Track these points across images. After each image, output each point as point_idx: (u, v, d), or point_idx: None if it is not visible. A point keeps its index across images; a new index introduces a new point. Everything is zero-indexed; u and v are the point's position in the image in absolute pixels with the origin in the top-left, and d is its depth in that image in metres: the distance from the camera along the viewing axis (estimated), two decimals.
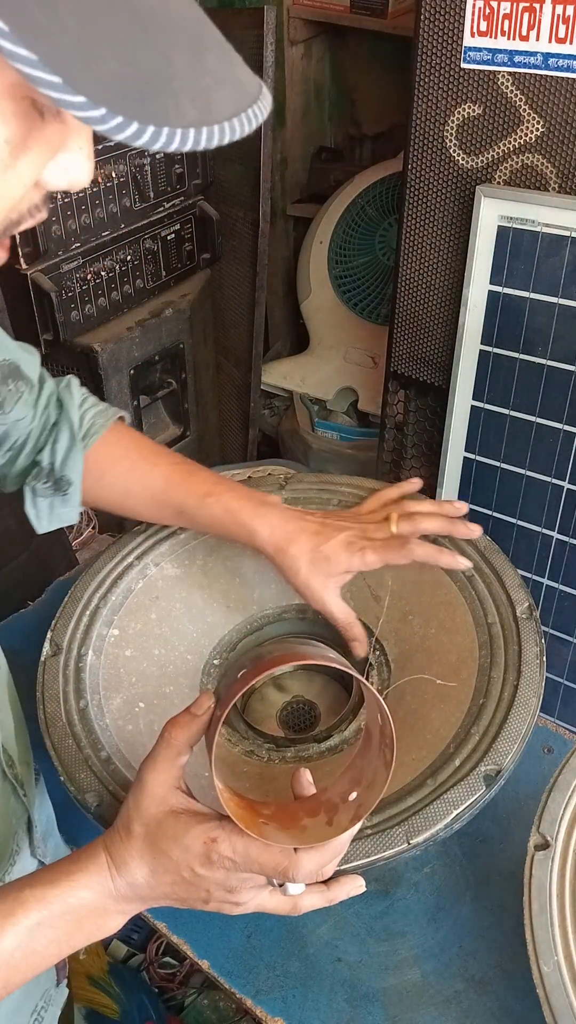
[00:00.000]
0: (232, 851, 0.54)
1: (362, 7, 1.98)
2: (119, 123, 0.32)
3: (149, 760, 0.59)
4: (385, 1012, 0.71)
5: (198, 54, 0.35)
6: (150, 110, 0.33)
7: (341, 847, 0.57)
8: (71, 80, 0.30)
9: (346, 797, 0.59)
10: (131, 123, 0.32)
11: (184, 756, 0.59)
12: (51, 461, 0.80)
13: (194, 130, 0.34)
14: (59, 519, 0.83)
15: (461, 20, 1.14)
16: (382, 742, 0.57)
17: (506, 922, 0.76)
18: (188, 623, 0.88)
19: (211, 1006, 1.36)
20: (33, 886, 0.54)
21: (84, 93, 0.31)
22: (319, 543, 0.79)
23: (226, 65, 0.37)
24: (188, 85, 0.34)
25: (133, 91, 0.32)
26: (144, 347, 1.72)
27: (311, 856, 0.54)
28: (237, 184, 1.78)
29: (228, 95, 0.36)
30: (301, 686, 0.90)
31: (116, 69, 0.32)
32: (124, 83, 0.32)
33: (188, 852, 0.54)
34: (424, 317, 1.37)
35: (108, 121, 0.32)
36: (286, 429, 2.25)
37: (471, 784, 0.66)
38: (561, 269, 1.15)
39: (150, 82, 0.33)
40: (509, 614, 0.79)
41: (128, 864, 0.55)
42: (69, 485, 0.81)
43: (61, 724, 0.74)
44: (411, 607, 0.85)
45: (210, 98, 0.35)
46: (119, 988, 1.26)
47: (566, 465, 1.24)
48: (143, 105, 0.32)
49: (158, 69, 0.33)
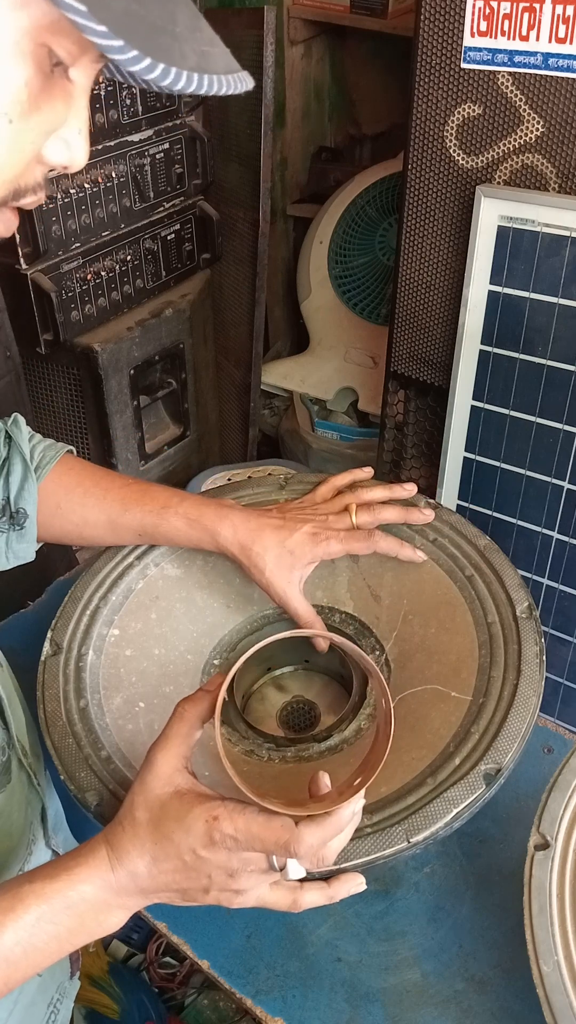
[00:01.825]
0: (234, 829, 0.54)
1: (362, 7, 1.98)
2: (134, 55, 0.34)
3: (160, 738, 0.60)
4: (385, 1012, 0.71)
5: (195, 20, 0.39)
6: (159, 48, 0.35)
7: (343, 821, 0.57)
8: (94, 9, 0.33)
9: (352, 784, 0.59)
10: (144, 57, 0.35)
11: (196, 732, 0.60)
12: (5, 495, 0.80)
13: (196, 74, 0.37)
14: (16, 556, 0.82)
15: (461, 20, 1.14)
16: (384, 721, 0.58)
17: (506, 922, 0.76)
18: (188, 623, 0.88)
19: (211, 1006, 1.36)
20: (32, 881, 0.54)
21: (106, 23, 0.33)
22: (283, 538, 0.81)
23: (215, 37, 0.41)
24: (188, 35, 0.38)
25: (144, 29, 0.35)
26: (144, 347, 1.72)
27: (312, 829, 0.55)
28: (237, 184, 1.78)
29: (221, 56, 0.40)
30: (301, 686, 0.90)
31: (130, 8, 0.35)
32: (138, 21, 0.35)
33: (190, 833, 0.55)
34: (424, 317, 1.37)
35: (125, 52, 0.34)
36: (286, 429, 2.25)
37: (471, 783, 0.66)
38: (561, 269, 1.15)
39: (157, 26, 0.36)
40: (509, 613, 0.79)
41: (129, 854, 0.55)
42: (25, 518, 0.80)
43: (61, 723, 0.74)
44: (411, 607, 0.85)
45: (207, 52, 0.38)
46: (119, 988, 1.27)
47: (566, 465, 1.24)
48: (153, 42, 0.35)
49: (164, 16, 0.37)
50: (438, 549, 0.87)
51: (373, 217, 2.02)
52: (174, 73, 0.36)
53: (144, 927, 1.40)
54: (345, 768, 0.74)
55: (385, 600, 0.87)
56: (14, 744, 0.69)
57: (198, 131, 1.71)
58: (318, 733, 0.81)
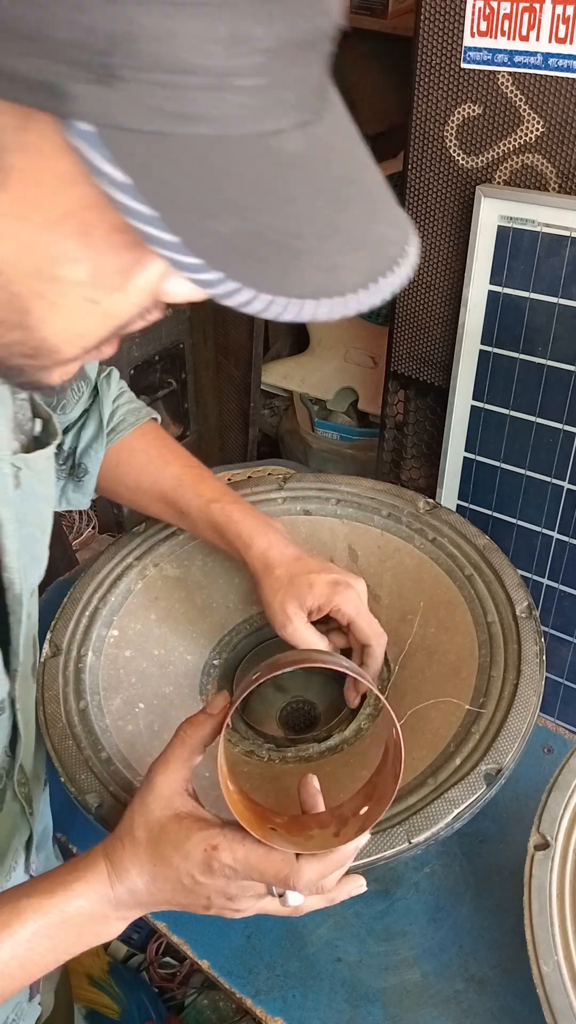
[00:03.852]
0: (232, 859, 0.54)
1: (362, 7, 1.98)
2: (232, 289, 0.29)
3: (161, 759, 0.59)
4: (385, 1012, 0.71)
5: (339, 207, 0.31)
6: (268, 275, 0.29)
7: (344, 859, 0.56)
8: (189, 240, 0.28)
9: (357, 811, 0.58)
10: (243, 289, 0.29)
11: (197, 756, 0.59)
12: (73, 446, 0.81)
13: (312, 301, 0.30)
14: (68, 503, 0.83)
15: (461, 20, 1.14)
16: (395, 755, 0.57)
17: (506, 922, 0.76)
18: (187, 623, 0.88)
19: (211, 1006, 1.36)
20: (30, 896, 0.54)
21: (201, 255, 0.28)
22: (309, 569, 0.77)
23: (369, 220, 0.32)
24: (318, 246, 0.30)
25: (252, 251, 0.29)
26: (144, 347, 1.72)
27: (312, 865, 0.54)
28: None
29: (362, 260, 0.31)
30: (300, 686, 0.90)
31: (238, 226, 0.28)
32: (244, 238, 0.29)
33: (188, 859, 0.54)
34: (424, 317, 1.37)
35: (219, 286, 0.29)
36: (286, 429, 2.25)
37: (472, 783, 0.66)
38: (561, 269, 1.15)
39: (273, 242, 0.29)
40: (508, 613, 0.79)
41: (129, 872, 0.55)
42: (85, 473, 0.81)
43: (61, 725, 0.74)
44: (410, 607, 0.85)
45: (339, 263, 0.30)
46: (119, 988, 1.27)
47: (566, 465, 1.24)
48: (261, 269, 0.29)
49: (287, 228, 0.29)
50: (437, 549, 0.87)
51: None
52: (280, 304, 0.29)
53: (144, 927, 1.40)
54: (345, 768, 0.74)
55: (384, 600, 0.87)
56: (13, 775, 0.68)
57: None
58: (318, 733, 0.81)
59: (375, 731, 0.79)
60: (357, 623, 0.77)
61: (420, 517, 0.90)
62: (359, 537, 0.92)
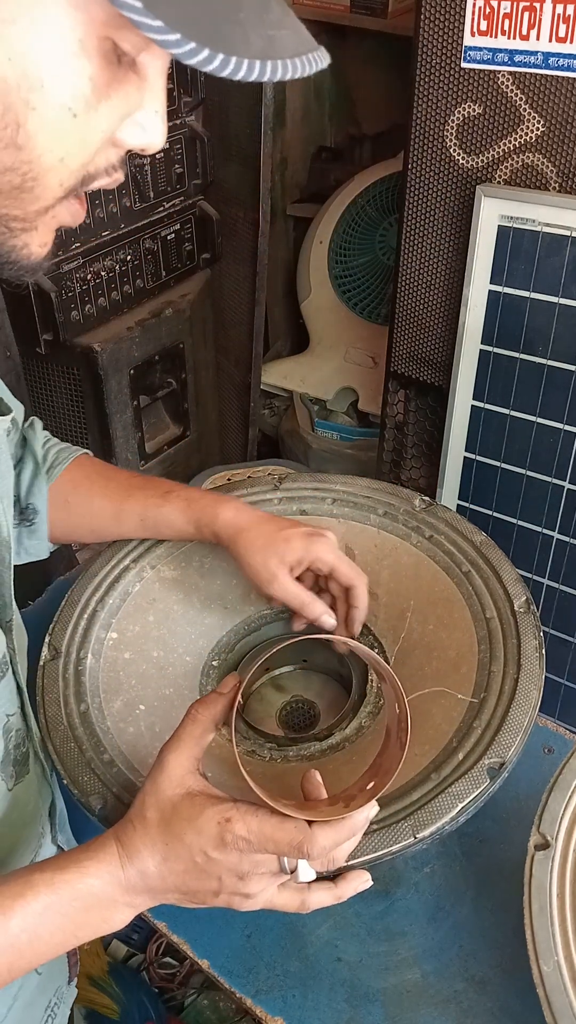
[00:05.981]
0: (247, 831, 0.54)
1: (362, 7, 1.98)
2: (191, 48, 0.34)
3: (172, 739, 0.60)
4: (385, 1012, 0.71)
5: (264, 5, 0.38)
6: (220, 38, 0.35)
7: (356, 827, 0.57)
8: (150, 5, 0.33)
9: (364, 788, 0.59)
10: (203, 49, 0.34)
11: (208, 735, 0.60)
12: (17, 492, 0.81)
13: (259, 62, 0.36)
14: (27, 552, 0.83)
15: (461, 20, 1.14)
16: (398, 727, 0.58)
17: (506, 922, 0.76)
18: (186, 625, 0.88)
19: (211, 1006, 1.36)
20: (43, 871, 0.54)
21: (161, 18, 0.33)
22: (281, 526, 0.80)
23: (287, 16, 0.39)
24: (254, 20, 0.36)
25: (205, 19, 0.35)
26: (144, 347, 1.72)
27: (326, 832, 0.55)
28: (237, 184, 1.78)
29: (290, 37, 0.38)
30: (300, 686, 0.90)
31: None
32: (197, 11, 0.35)
33: (202, 834, 0.54)
34: (424, 317, 1.37)
35: (182, 46, 0.34)
36: (286, 429, 2.25)
37: (475, 777, 0.66)
38: (561, 269, 1.15)
39: (220, 13, 0.35)
40: (507, 608, 0.79)
41: (140, 852, 0.55)
42: (35, 514, 0.82)
43: (63, 728, 0.74)
44: (409, 604, 0.85)
45: (274, 36, 0.37)
46: (119, 988, 1.27)
47: (566, 465, 1.24)
48: (214, 33, 0.35)
49: (228, 3, 0.36)
50: (434, 546, 0.87)
51: (373, 217, 2.02)
52: (234, 63, 0.35)
53: (144, 927, 1.40)
54: (347, 767, 0.74)
55: (383, 597, 0.87)
56: (32, 736, 0.70)
57: (198, 131, 1.71)
58: (319, 732, 0.81)
59: (376, 727, 0.79)
60: (338, 567, 0.79)
61: (416, 515, 0.90)
62: (356, 536, 0.92)
